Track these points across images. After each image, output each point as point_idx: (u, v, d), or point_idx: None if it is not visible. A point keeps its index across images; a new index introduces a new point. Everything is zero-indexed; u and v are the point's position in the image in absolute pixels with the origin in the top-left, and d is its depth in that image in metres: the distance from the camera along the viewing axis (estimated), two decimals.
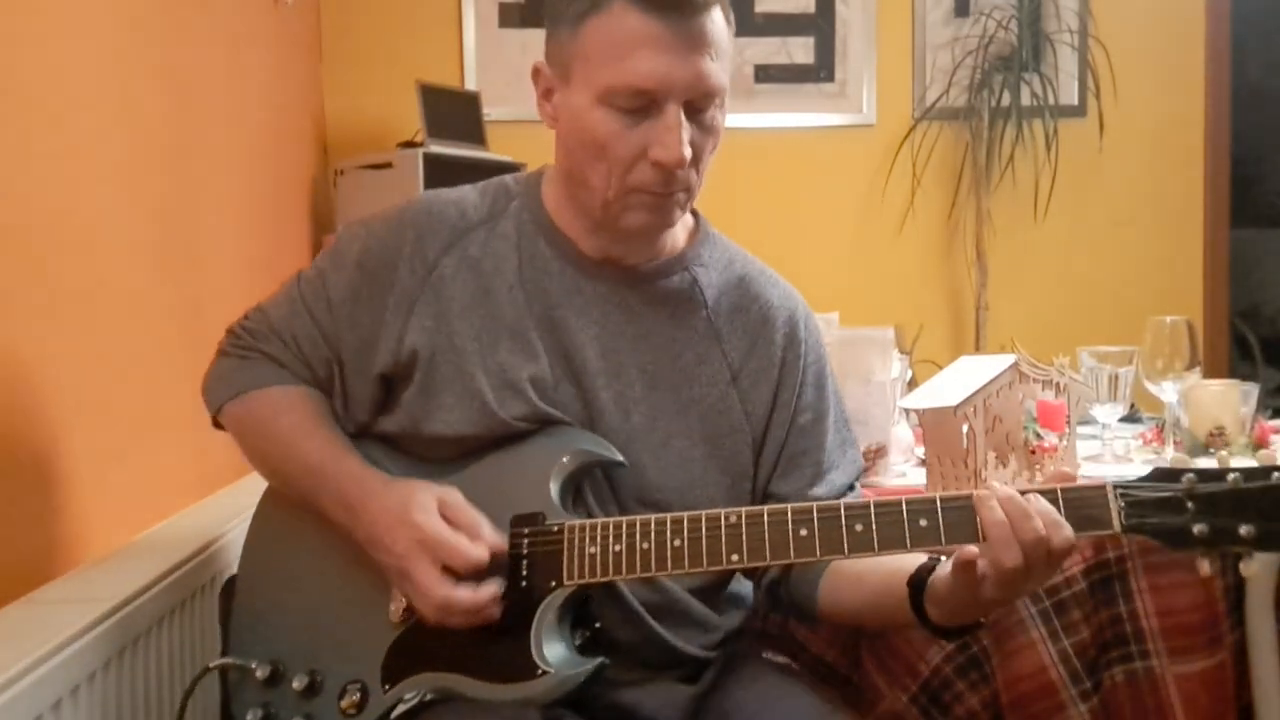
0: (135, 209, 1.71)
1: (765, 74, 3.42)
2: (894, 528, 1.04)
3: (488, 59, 3.34)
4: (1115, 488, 1.01)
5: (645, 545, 1.09)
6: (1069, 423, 1.62)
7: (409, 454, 1.22)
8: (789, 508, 1.07)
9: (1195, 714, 1.47)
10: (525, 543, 1.12)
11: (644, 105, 1.11)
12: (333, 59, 3.28)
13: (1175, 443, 1.76)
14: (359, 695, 1.15)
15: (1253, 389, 1.75)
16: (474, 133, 3.11)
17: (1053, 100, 3.35)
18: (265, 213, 2.53)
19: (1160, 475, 1.01)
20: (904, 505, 1.04)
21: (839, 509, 1.06)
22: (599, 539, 1.10)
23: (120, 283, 1.63)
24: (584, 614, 1.15)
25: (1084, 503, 1.01)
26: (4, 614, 1.21)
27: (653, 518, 1.10)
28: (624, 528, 1.10)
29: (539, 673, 1.08)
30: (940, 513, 1.03)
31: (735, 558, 1.07)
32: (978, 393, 1.53)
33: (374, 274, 1.21)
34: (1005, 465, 1.56)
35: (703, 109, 1.13)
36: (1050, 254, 3.46)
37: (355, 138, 3.25)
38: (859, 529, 1.05)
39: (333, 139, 3.27)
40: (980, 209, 3.38)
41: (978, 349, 3.32)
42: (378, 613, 1.17)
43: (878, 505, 1.05)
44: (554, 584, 1.11)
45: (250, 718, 1.18)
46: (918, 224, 3.46)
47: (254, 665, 1.20)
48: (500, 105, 3.24)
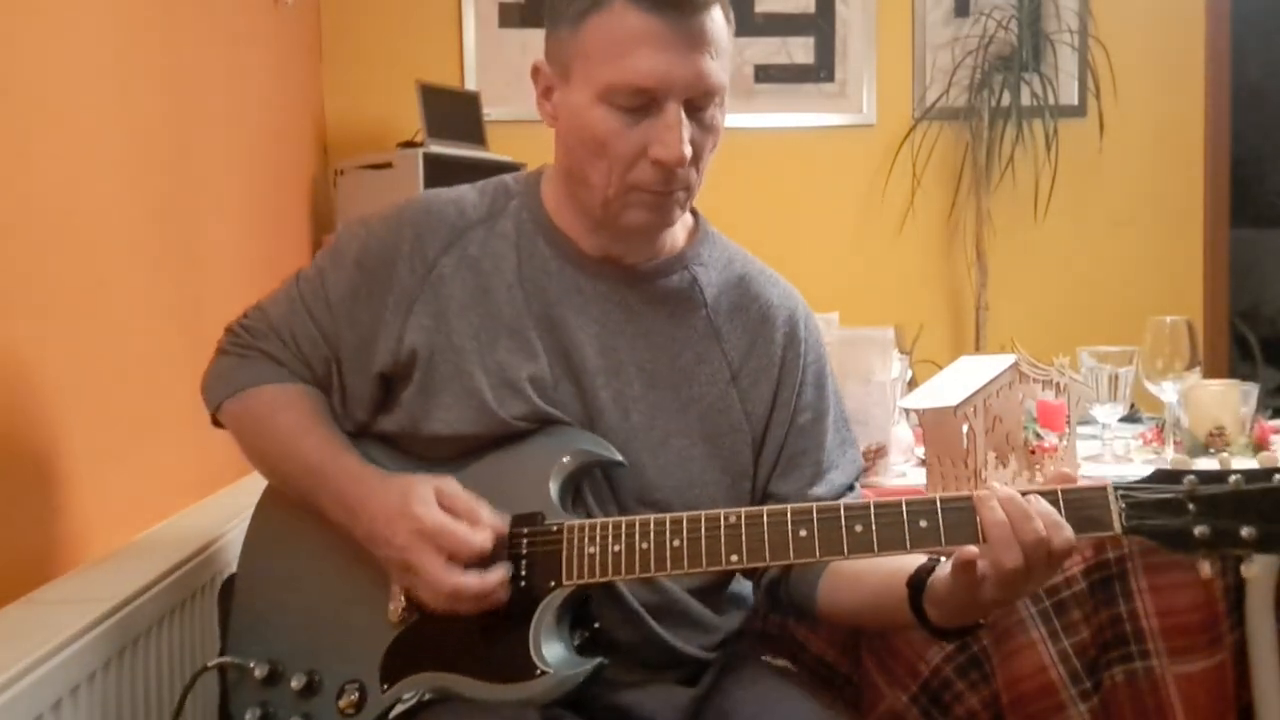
0: (135, 209, 1.71)
1: (765, 74, 3.42)
2: (894, 529, 1.04)
3: (488, 59, 3.34)
4: (1116, 489, 1.01)
5: (644, 545, 1.09)
6: (1069, 423, 1.62)
7: (408, 454, 1.22)
8: (788, 508, 1.07)
9: (1195, 714, 1.47)
10: (524, 543, 1.12)
11: (644, 104, 1.10)
12: (333, 59, 3.28)
13: (1175, 443, 1.76)
14: (357, 695, 1.15)
15: (1253, 389, 1.75)
16: (474, 133, 3.10)
17: (1053, 100, 3.35)
18: (265, 213, 2.53)
19: (1161, 477, 1.01)
20: (904, 506, 1.04)
21: (838, 510, 1.06)
22: (598, 539, 1.10)
23: (120, 283, 1.63)
24: (583, 614, 1.15)
25: (1085, 504, 1.01)
26: (4, 614, 1.21)
27: (652, 518, 1.10)
28: (623, 528, 1.10)
29: (537, 673, 1.08)
30: (940, 514, 1.03)
31: (734, 558, 1.07)
32: (978, 393, 1.53)
33: (373, 273, 1.21)
34: (1005, 465, 1.55)
35: (703, 107, 1.13)
36: (1050, 254, 3.46)
37: (355, 138, 3.25)
38: (858, 530, 1.04)
39: (333, 139, 3.27)
40: (980, 209, 3.38)
41: (978, 349, 3.32)
42: (376, 612, 1.16)
43: (877, 506, 1.05)
44: (553, 584, 1.11)
45: (249, 717, 1.18)
46: (918, 224, 3.46)
47: (252, 664, 1.20)
48: (500, 105, 3.24)
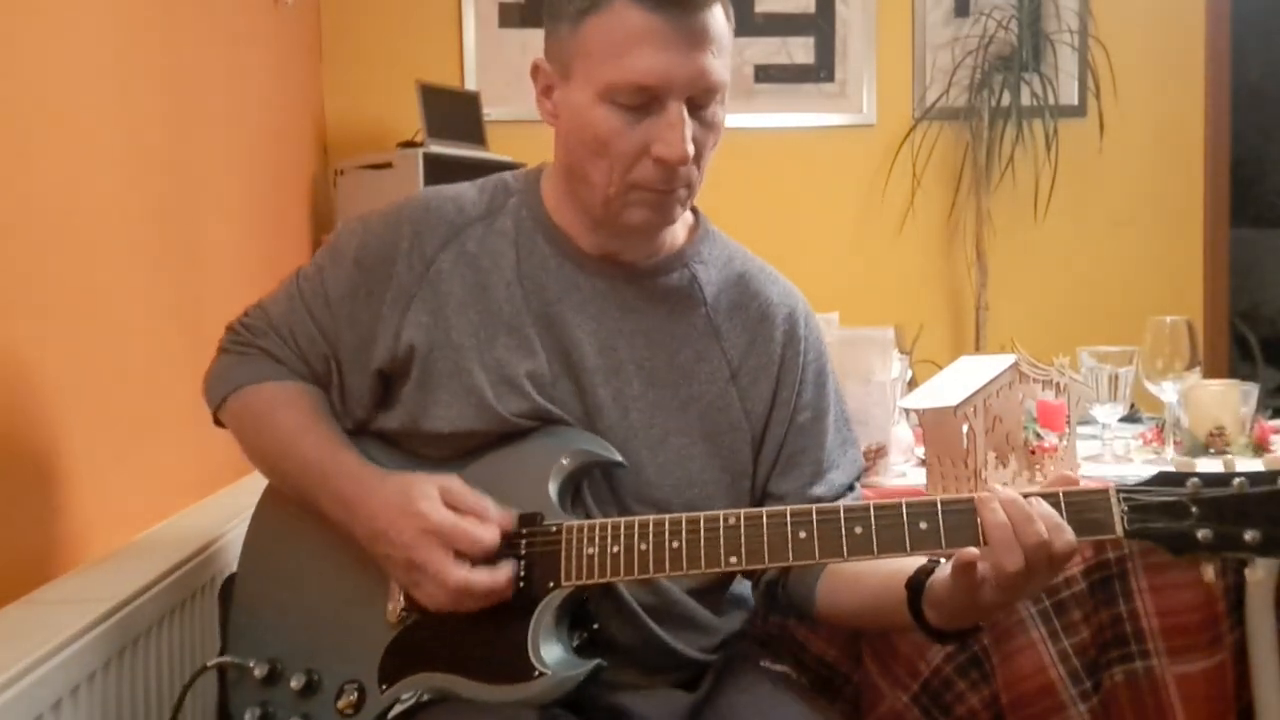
0: (135, 209, 1.71)
1: (765, 74, 3.42)
2: (893, 530, 1.03)
3: (488, 59, 3.33)
4: (1118, 491, 1.00)
5: (643, 546, 1.08)
6: (1069, 423, 1.62)
7: (408, 452, 1.22)
8: (788, 510, 1.07)
9: (1195, 714, 1.47)
10: (523, 543, 1.12)
11: (645, 102, 1.10)
12: (333, 59, 3.28)
13: (1175, 443, 1.76)
14: (356, 695, 1.15)
15: (1253, 389, 1.75)
16: (474, 133, 3.10)
17: (1053, 100, 3.35)
18: (265, 213, 2.53)
19: (1164, 479, 1.00)
20: (904, 507, 1.04)
21: (838, 511, 1.05)
22: (597, 540, 1.10)
23: (120, 283, 1.63)
24: (582, 615, 1.15)
25: (1086, 506, 1.01)
26: (4, 614, 1.21)
27: (651, 519, 1.10)
28: (622, 529, 1.10)
29: (536, 674, 1.08)
30: (940, 515, 1.03)
31: (734, 560, 1.07)
32: (978, 393, 1.53)
33: (371, 270, 1.21)
34: (1005, 465, 1.55)
35: (704, 105, 1.13)
36: (1050, 254, 3.46)
37: (355, 138, 3.25)
38: (858, 531, 1.04)
39: (333, 139, 3.27)
40: (980, 209, 3.38)
41: (978, 349, 3.32)
42: (376, 612, 1.16)
43: (877, 508, 1.05)
44: (552, 585, 1.11)
45: (248, 717, 1.18)
46: (918, 224, 3.46)
47: (252, 664, 1.20)
48: (500, 105, 3.24)
